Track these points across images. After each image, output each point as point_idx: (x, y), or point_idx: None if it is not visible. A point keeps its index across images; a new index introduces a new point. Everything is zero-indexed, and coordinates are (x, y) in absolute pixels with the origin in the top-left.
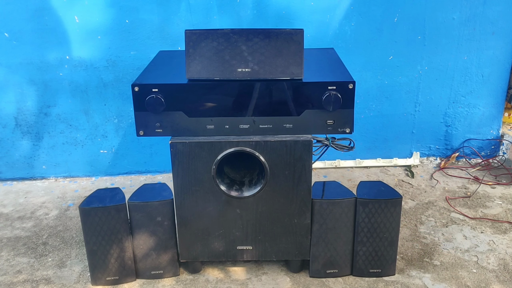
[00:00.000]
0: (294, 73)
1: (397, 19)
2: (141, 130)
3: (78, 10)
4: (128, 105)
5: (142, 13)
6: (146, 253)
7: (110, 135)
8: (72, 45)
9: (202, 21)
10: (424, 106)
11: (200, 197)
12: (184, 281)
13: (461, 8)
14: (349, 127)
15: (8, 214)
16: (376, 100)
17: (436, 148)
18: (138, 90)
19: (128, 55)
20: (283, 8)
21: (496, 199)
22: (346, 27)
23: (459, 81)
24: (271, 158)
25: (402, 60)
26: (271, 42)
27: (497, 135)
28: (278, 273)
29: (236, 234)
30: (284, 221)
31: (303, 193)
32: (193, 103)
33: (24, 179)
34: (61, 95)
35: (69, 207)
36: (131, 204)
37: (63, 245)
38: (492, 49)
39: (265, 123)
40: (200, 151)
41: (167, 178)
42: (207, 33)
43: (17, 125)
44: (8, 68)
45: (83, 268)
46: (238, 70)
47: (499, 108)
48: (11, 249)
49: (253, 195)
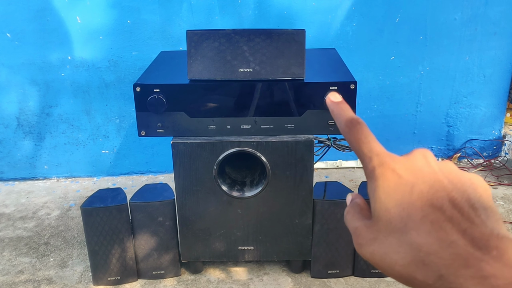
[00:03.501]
0: (296, 74)
1: (399, 19)
2: (143, 130)
3: (80, 11)
4: (130, 106)
5: (143, 14)
6: (148, 253)
7: (112, 135)
8: (74, 45)
9: (204, 21)
10: (426, 106)
11: (202, 197)
12: (186, 281)
13: (462, 9)
14: None
15: (10, 214)
16: (377, 100)
17: (438, 148)
18: (140, 90)
19: (129, 56)
20: (285, 9)
21: (498, 200)
22: (348, 27)
23: (460, 81)
24: (273, 158)
25: (403, 61)
26: (272, 42)
27: (499, 135)
28: (279, 273)
29: (237, 234)
30: (286, 221)
31: (304, 193)
32: (194, 103)
33: (26, 179)
34: (63, 95)
35: (71, 207)
36: (132, 204)
37: (64, 245)
38: (494, 49)
39: (266, 123)
40: (201, 151)
41: (169, 178)
42: (208, 33)
43: (19, 125)
44: (10, 68)
45: (85, 268)
46: (240, 71)
47: (501, 108)
48: (13, 249)
49: (254, 196)
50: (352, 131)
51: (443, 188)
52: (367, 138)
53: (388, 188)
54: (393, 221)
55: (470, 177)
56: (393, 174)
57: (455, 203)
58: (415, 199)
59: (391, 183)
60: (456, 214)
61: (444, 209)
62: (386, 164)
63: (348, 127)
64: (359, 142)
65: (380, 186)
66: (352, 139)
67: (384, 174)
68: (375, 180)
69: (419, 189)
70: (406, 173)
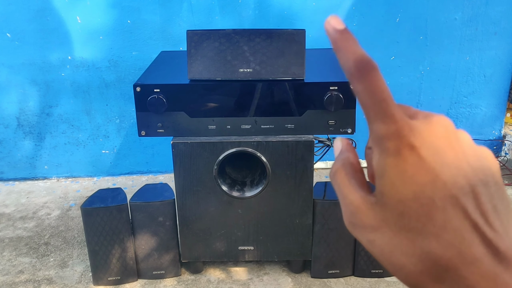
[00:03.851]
0: (296, 74)
1: (399, 19)
2: (143, 130)
3: (80, 11)
4: (130, 106)
5: (144, 14)
6: (148, 253)
7: (112, 136)
8: (74, 45)
9: (204, 21)
10: (426, 106)
11: (202, 197)
12: (186, 281)
13: (463, 9)
14: (351, 127)
15: (10, 214)
16: None
17: None
18: (140, 90)
19: (130, 56)
20: (285, 9)
21: None
22: (348, 27)
23: (461, 81)
24: (273, 158)
25: (404, 61)
26: (272, 42)
27: (499, 135)
28: (279, 273)
29: (237, 234)
30: (286, 221)
31: (304, 193)
32: (194, 103)
33: (26, 179)
34: (63, 95)
35: (71, 207)
36: (132, 204)
37: (65, 245)
38: (494, 49)
39: (266, 123)
40: (201, 151)
41: (169, 179)
42: (209, 33)
43: (19, 125)
44: (10, 68)
45: (85, 268)
46: (240, 71)
47: (501, 108)
48: (13, 249)
49: (254, 196)
50: (366, 78)
51: (467, 181)
52: (383, 92)
53: (405, 171)
54: (407, 216)
55: (486, 157)
56: (412, 153)
57: (480, 204)
58: (438, 195)
59: (410, 165)
60: (480, 220)
61: (469, 213)
62: (404, 137)
63: (360, 71)
64: (373, 95)
65: (395, 166)
66: (363, 88)
67: (401, 151)
68: (388, 155)
69: (443, 182)
70: (428, 154)
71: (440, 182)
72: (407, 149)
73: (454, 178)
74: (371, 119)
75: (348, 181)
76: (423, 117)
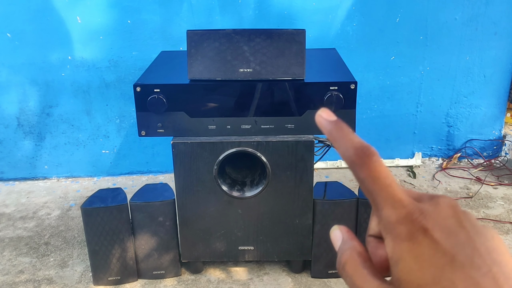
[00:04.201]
0: (296, 74)
1: (399, 19)
2: (143, 130)
3: (80, 11)
4: (130, 106)
5: (144, 14)
6: (148, 253)
7: (112, 136)
8: (74, 45)
9: (204, 21)
10: (426, 106)
11: (202, 197)
12: (186, 281)
13: (463, 9)
14: (351, 127)
15: (10, 214)
16: (377, 100)
17: (438, 148)
18: (140, 90)
19: (130, 56)
20: (285, 9)
21: (498, 200)
22: (348, 27)
23: (461, 81)
24: (273, 158)
25: (404, 61)
26: (273, 42)
27: (499, 135)
28: (279, 273)
29: (237, 234)
30: (286, 221)
31: (304, 193)
32: (194, 103)
33: (26, 179)
34: (63, 95)
35: (71, 207)
36: (133, 204)
37: (65, 245)
38: (494, 49)
39: (266, 123)
40: (201, 151)
41: (169, 179)
42: (209, 33)
43: (19, 125)
44: (11, 68)
45: (85, 268)
46: (240, 71)
47: (501, 108)
48: (13, 249)
49: (254, 196)
50: (369, 165)
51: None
52: (388, 178)
53: (421, 255)
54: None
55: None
56: (425, 236)
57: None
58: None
59: (425, 249)
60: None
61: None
62: (415, 220)
63: (362, 158)
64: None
65: (410, 251)
66: (367, 175)
67: (414, 235)
68: (402, 240)
69: (461, 263)
70: (441, 235)
71: (458, 263)
72: (420, 233)
73: (471, 258)
74: (378, 206)
75: (360, 272)
76: (429, 199)
